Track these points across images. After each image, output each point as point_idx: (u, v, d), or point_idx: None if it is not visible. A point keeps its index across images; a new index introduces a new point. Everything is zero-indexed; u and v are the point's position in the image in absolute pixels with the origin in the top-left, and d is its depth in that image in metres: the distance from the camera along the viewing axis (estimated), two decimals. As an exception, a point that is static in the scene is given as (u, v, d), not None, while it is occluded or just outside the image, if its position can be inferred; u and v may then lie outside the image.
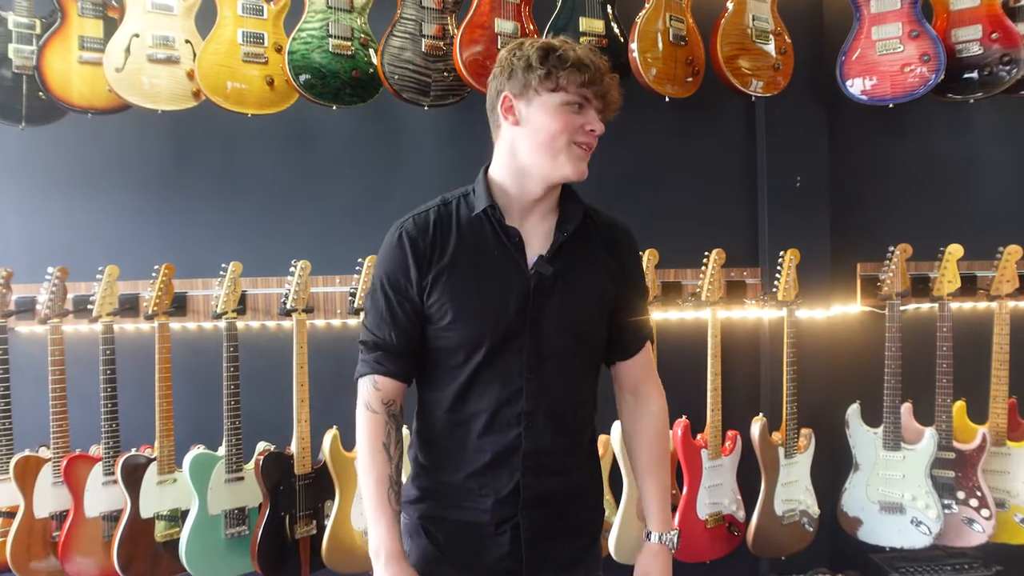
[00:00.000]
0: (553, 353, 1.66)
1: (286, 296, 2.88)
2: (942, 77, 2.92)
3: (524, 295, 1.63)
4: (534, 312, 1.63)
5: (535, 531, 1.69)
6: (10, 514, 2.75)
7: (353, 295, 2.94)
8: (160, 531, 2.77)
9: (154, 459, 2.76)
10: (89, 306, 2.80)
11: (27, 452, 2.75)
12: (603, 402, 1.83)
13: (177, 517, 2.79)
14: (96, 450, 2.84)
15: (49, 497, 2.75)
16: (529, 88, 1.60)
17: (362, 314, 1.73)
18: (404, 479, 1.76)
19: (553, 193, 1.70)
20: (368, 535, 1.66)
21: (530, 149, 1.63)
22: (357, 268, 2.92)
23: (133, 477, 2.73)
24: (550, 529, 1.71)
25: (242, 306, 2.96)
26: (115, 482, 2.73)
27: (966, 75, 2.99)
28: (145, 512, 2.74)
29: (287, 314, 2.89)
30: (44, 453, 2.78)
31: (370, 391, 1.68)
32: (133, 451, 2.77)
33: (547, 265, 1.64)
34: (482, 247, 1.65)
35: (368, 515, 1.65)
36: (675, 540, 1.80)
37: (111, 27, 2.75)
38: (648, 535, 1.81)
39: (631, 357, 1.83)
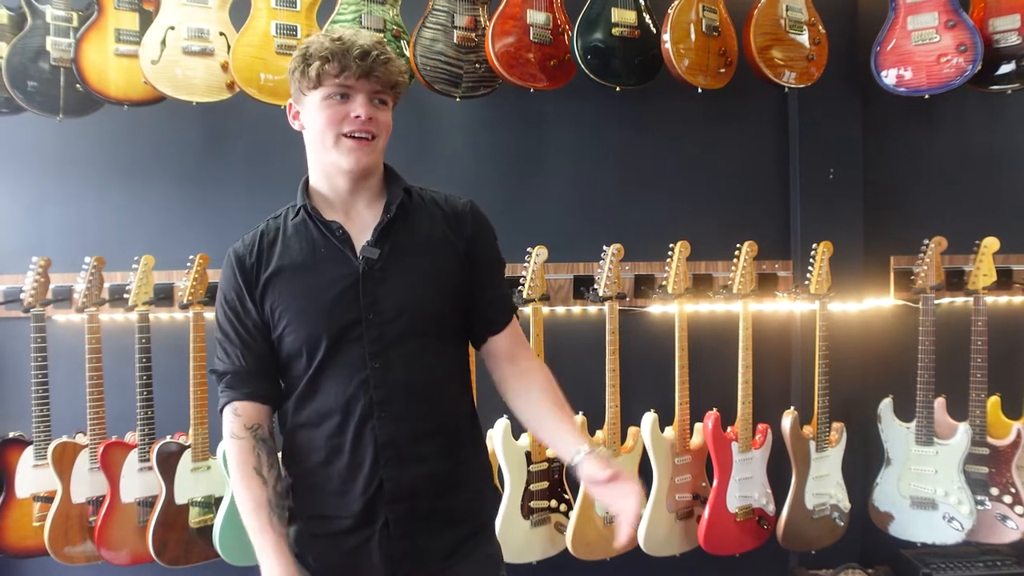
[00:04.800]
0: (398, 337, 1.62)
1: (318, 286, 2.90)
2: (979, 68, 2.88)
3: (353, 283, 1.61)
4: (367, 299, 1.61)
5: (403, 527, 1.64)
6: (48, 499, 2.81)
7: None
8: (194, 517, 2.80)
9: (188, 446, 2.80)
10: (125, 295, 2.84)
11: (65, 438, 2.80)
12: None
13: (211, 504, 2.82)
14: (132, 437, 2.88)
15: (86, 482, 2.80)
16: (300, 92, 1.63)
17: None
18: None
19: (368, 181, 1.68)
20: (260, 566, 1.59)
21: (314, 148, 1.65)
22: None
23: (168, 464, 2.77)
24: (423, 524, 1.66)
25: (274, 296, 2.99)
26: (150, 468, 2.78)
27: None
28: (179, 498, 2.78)
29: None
30: (81, 439, 2.83)
31: (231, 420, 1.66)
32: (168, 438, 2.81)
33: (373, 249, 1.62)
34: (310, 247, 1.65)
35: (254, 544, 1.59)
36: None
37: (147, 20, 2.78)
38: (583, 452, 1.60)
39: (500, 330, 1.77)
